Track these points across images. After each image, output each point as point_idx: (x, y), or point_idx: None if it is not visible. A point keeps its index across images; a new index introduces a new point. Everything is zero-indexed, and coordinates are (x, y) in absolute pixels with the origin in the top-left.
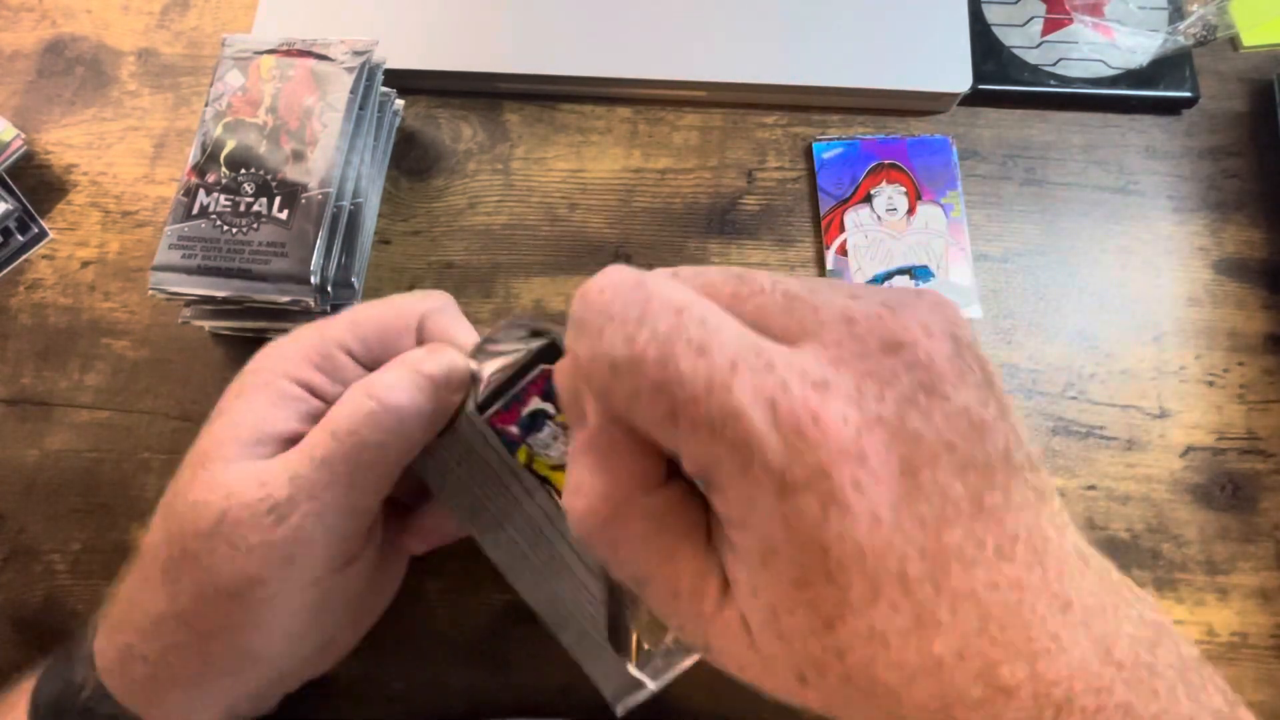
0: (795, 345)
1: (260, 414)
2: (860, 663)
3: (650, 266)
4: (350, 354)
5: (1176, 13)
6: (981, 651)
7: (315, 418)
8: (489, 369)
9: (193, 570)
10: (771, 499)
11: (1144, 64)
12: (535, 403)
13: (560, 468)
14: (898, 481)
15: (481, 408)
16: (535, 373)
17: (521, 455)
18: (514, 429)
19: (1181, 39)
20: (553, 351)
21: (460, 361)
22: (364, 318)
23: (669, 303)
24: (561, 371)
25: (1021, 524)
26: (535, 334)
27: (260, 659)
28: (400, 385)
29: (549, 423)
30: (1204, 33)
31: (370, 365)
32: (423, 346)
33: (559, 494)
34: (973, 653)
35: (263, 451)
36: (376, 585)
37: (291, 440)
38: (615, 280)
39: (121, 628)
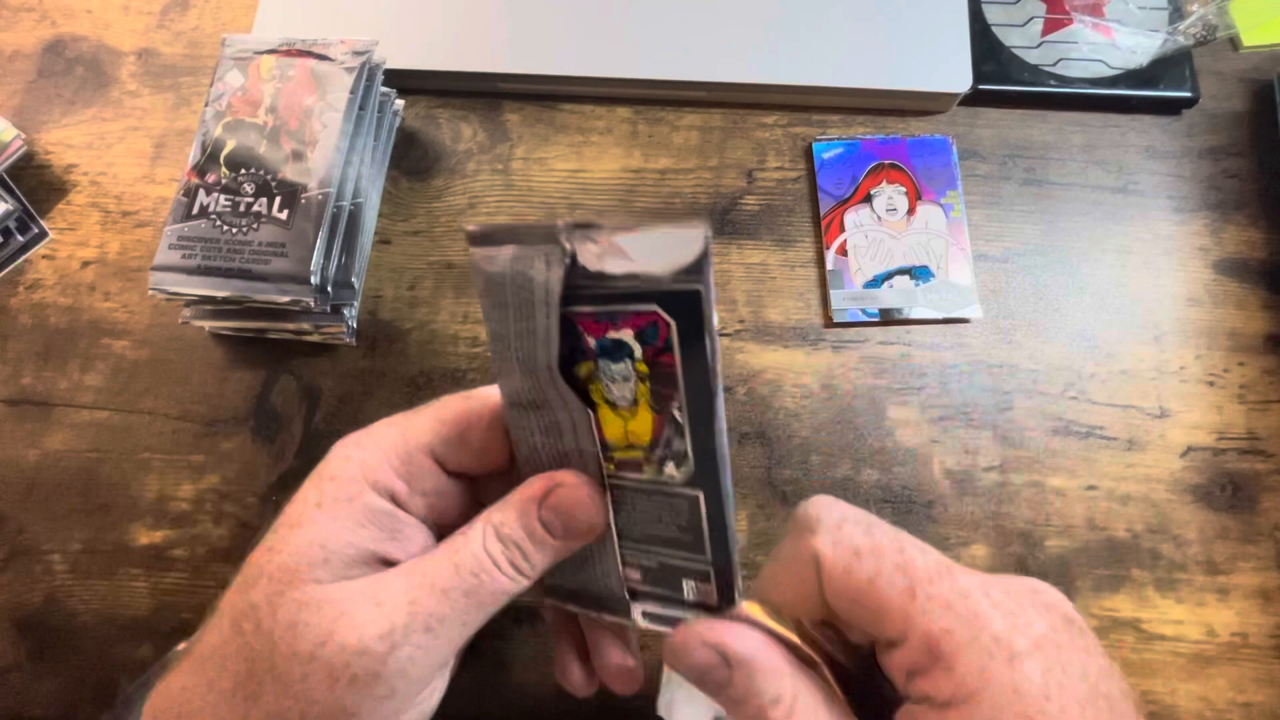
0: None
1: (348, 533)
2: None
3: None
4: (434, 456)
5: (1176, 13)
6: None
7: (401, 534)
8: (606, 259)
9: (278, 694)
10: (1003, 667)
11: (1144, 64)
12: (627, 334)
13: (615, 406)
14: (1090, 682)
15: (568, 297)
16: (648, 308)
17: (583, 369)
18: (590, 340)
19: (1181, 39)
20: (684, 304)
21: (592, 512)
22: (449, 415)
23: (879, 519)
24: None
25: None
26: (683, 273)
27: None
28: (511, 544)
29: (629, 361)
30: (1204, 33)
31: (453, 467)
32: (549, 478)
33: (599, 428)
34: None
35: (356, 574)
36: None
37: (382, 561)
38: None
39: None
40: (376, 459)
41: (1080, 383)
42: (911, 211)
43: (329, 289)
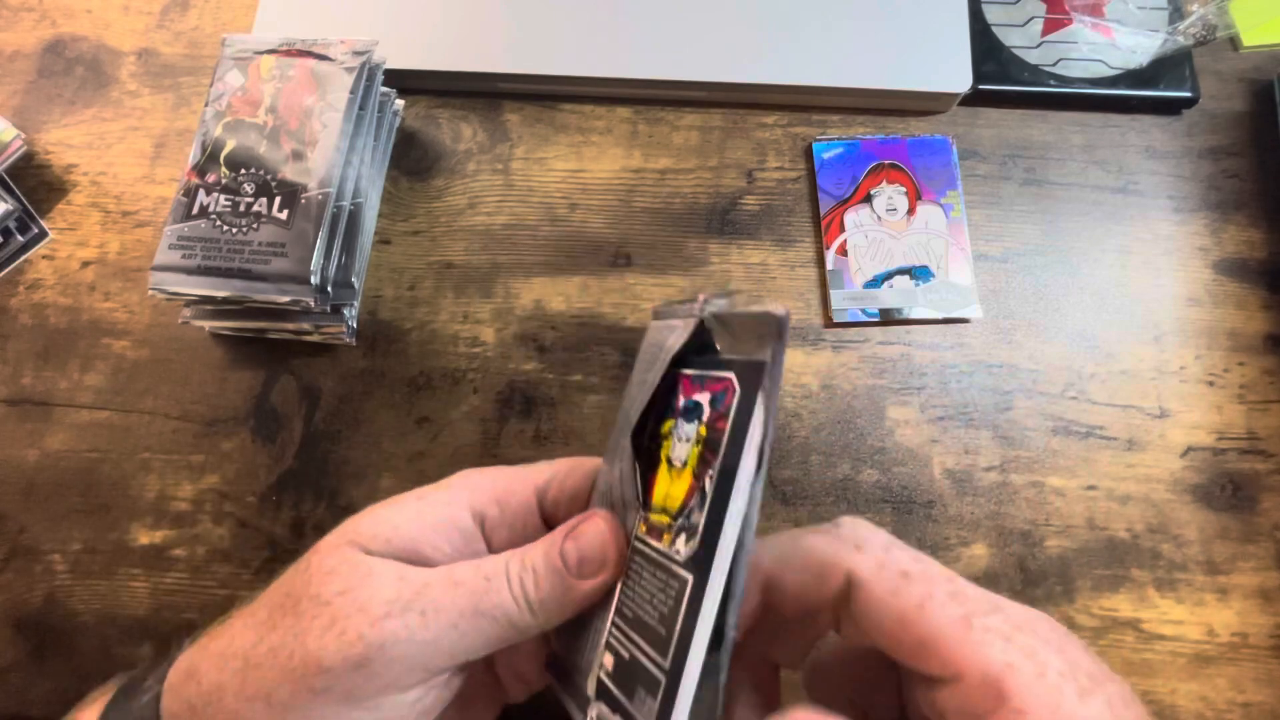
0: None
1: (424, 529)
2: None
3: (651, 266)
4: (540, 496)
5: (1176, 13)
6: None
7: (469, 556)
8: (715, 330)
9: (288, 628)
10: (1075, 704)
11: (1144, 64)
12: (705, 397)
13: (671, 466)
14: (1130, 708)
15: (682, 359)
16: (726, 375)
17: (666, 425)
18: (681, 399)
19: (1181, 39)
20: (752, 373)
21: (608, 543)
22: (565, 466)
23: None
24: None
25: None
26: (763, 339)
27: None
28: (529, 568)
29: (698, 424)
30: (1204, 33)
31: (551, 514)
32: (582, 515)
33: (645, 483)
34: None
35: (406, 559)
36: None
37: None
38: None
39: (205, 647)
40: (486, 483)
41: (1080, 383)
42: (911, 211)
43: (329, 289)
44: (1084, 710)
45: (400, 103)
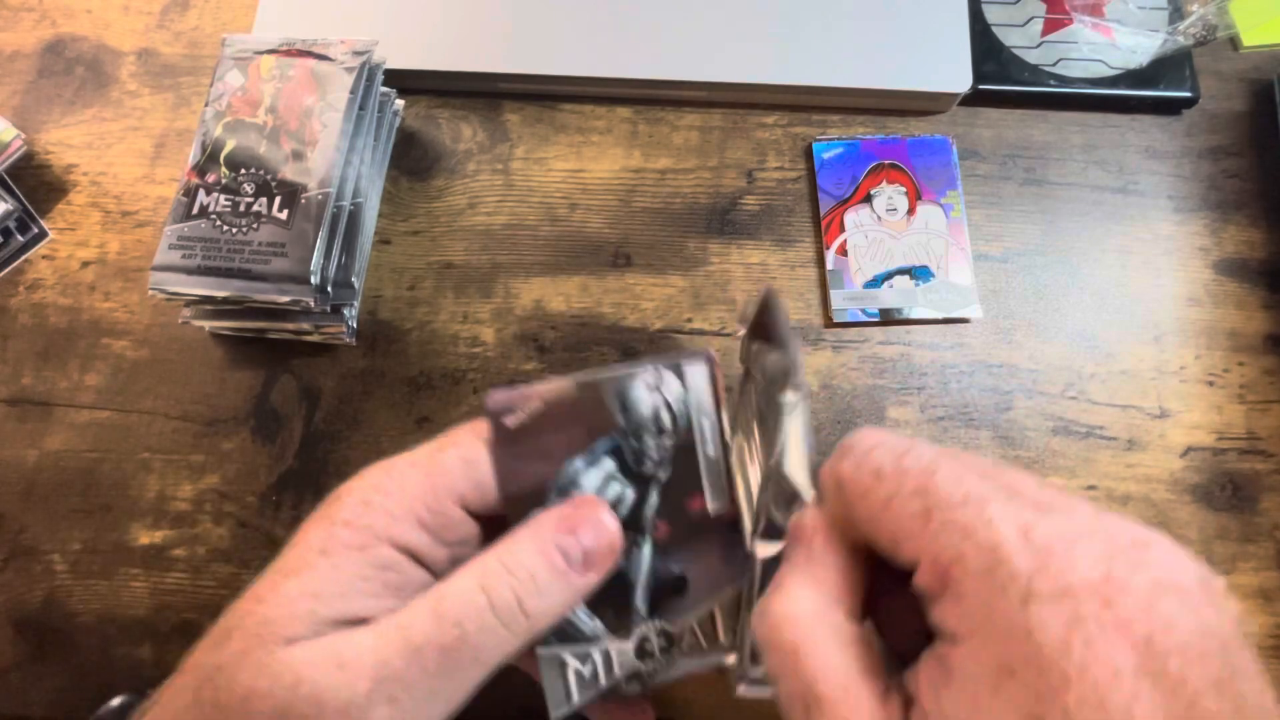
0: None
1: (348, 585)
2: None
3: (651, 266)
4: (464, 503)
5: (1176, 13)
6: None
7: (413, 589)
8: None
9: None
10: (1015, 605)
11: (1144, 64)
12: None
13: None
14: (1141, 652)
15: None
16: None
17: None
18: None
19: (1181, 39)
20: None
21: (613, 530)
22: (477, 455)
23: (929, 448)
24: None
25: None
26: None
27: None
28: (524, 576)
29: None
30: (1204, 33)
31: (486, 512)
32: (567, 505)
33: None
34: None
35: (341, 629)
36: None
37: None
38: (874, 430)
39: None
40: (401, 509)
41: (1080, 383)
42: (911, 211)
43: (329, 289)
44: (1025, 617)
45: (400, 103)
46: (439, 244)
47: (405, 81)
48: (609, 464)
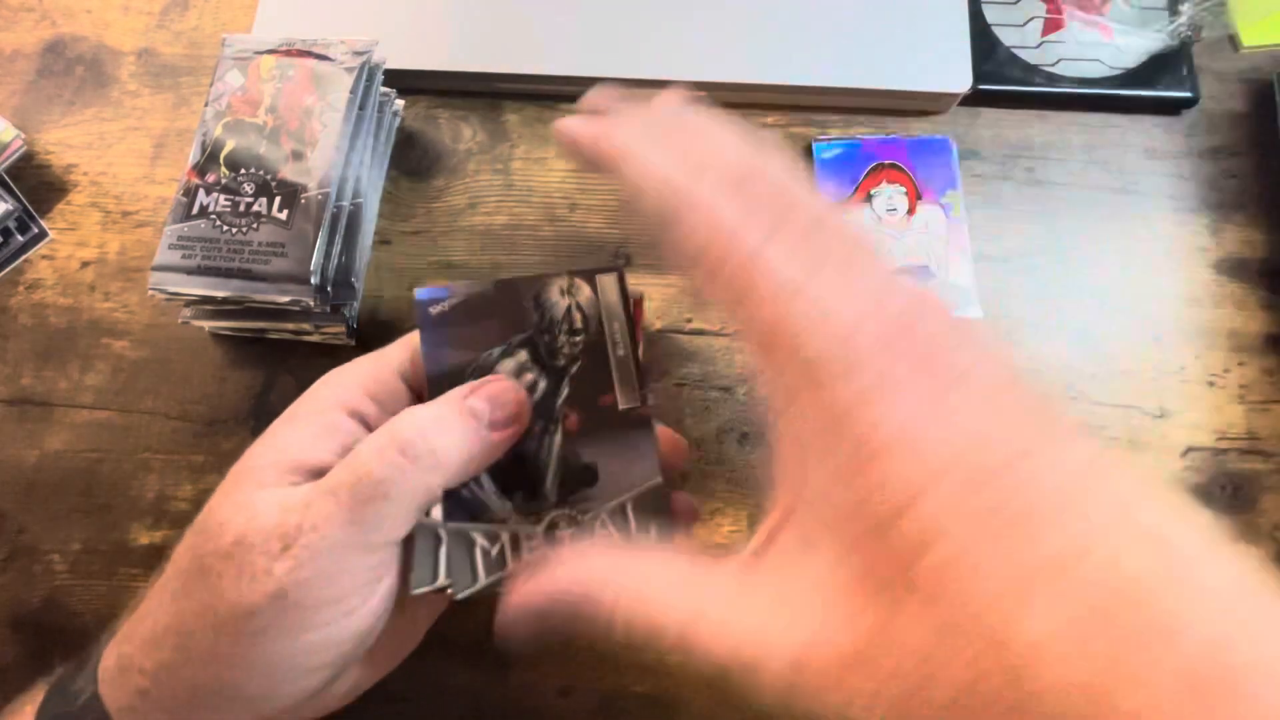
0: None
1: (304, 443)
2: (932, 568)
3: (651, 266)
4: (404, 377)
5: (1175, 13)
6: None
7: None
8: None
9: (202, 590)
10: (810, 389)
11: (1143, 64)
12: None
13: None
14: (932, 379)
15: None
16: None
17: None
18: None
19: (1180, 38)
20: None
21: (519, 394)
22: (417, 342)
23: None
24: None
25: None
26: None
27: (248, 699)
28: (430, 418)
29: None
30: (1189, 33)
31: (420, 389)
32: (472, 384)
33: None
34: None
35: (297, 480)
36: (395, 633)
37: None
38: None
39: (129, 637)
40: (351, 381)
41: (1080, 383)
42: (911, 212)
43: (329, 289)
44: (817, 396)
45: (400, 103)
46: (439, 244)
47: (405, 81)
48: (523, 354)
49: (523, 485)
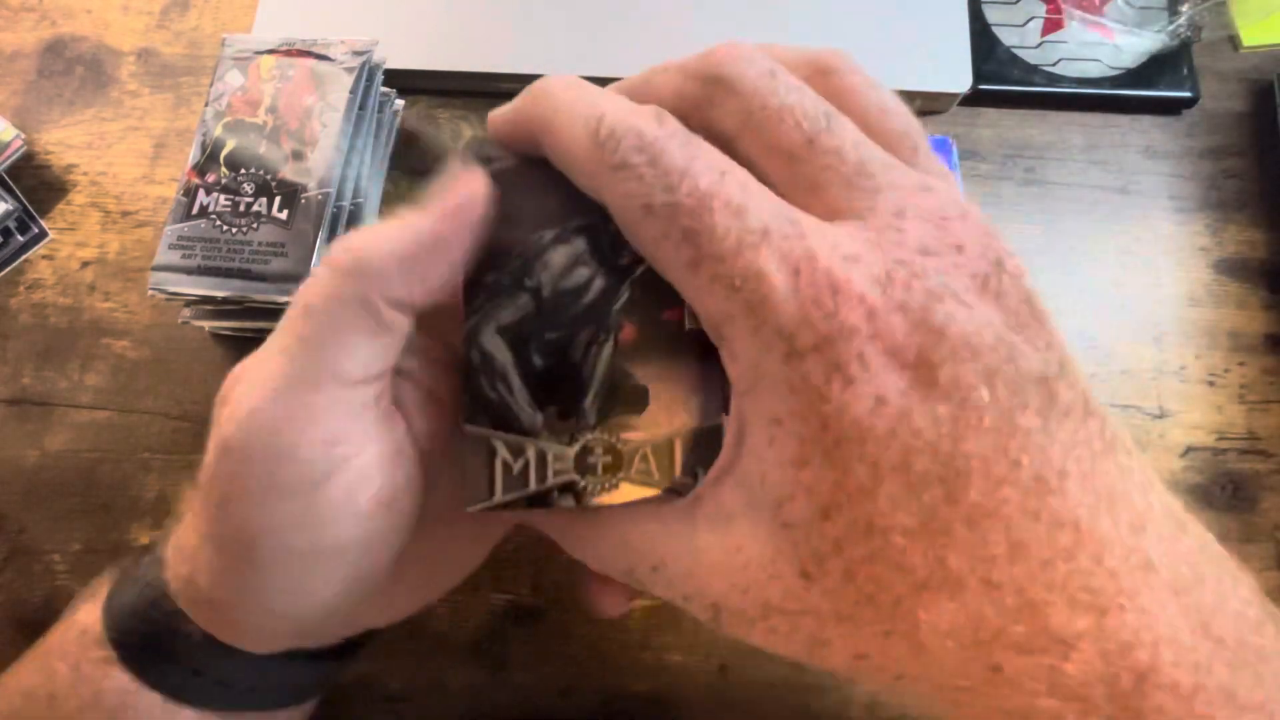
0: (836, 221)
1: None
2: (860, 558)
3: None
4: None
5: (1175, 13)
6: (1019, 585)
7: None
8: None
9: (219, 475)
10: (778, 362)
11: (1143, 64)
12: None
13: None
14: (912, 371)
15: None
16: None
17: None
18: None
19: (1180, 38)
20: None
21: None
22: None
23: (714, 163)
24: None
25: (1072, 459)
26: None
27: (278, 590)
28: (349, 236)
29: None
30: (1189, 33)
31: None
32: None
33: None
34: (1007, 583)
35: None
36: (436, 543)
37: None
38: (668, 130)
39: (179, 544)
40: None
41: None
42: None
43: None
44: (788, 371)
45: (400, 103)
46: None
47: (405, 81)
48: (580, 243)
49: (559, 398)
